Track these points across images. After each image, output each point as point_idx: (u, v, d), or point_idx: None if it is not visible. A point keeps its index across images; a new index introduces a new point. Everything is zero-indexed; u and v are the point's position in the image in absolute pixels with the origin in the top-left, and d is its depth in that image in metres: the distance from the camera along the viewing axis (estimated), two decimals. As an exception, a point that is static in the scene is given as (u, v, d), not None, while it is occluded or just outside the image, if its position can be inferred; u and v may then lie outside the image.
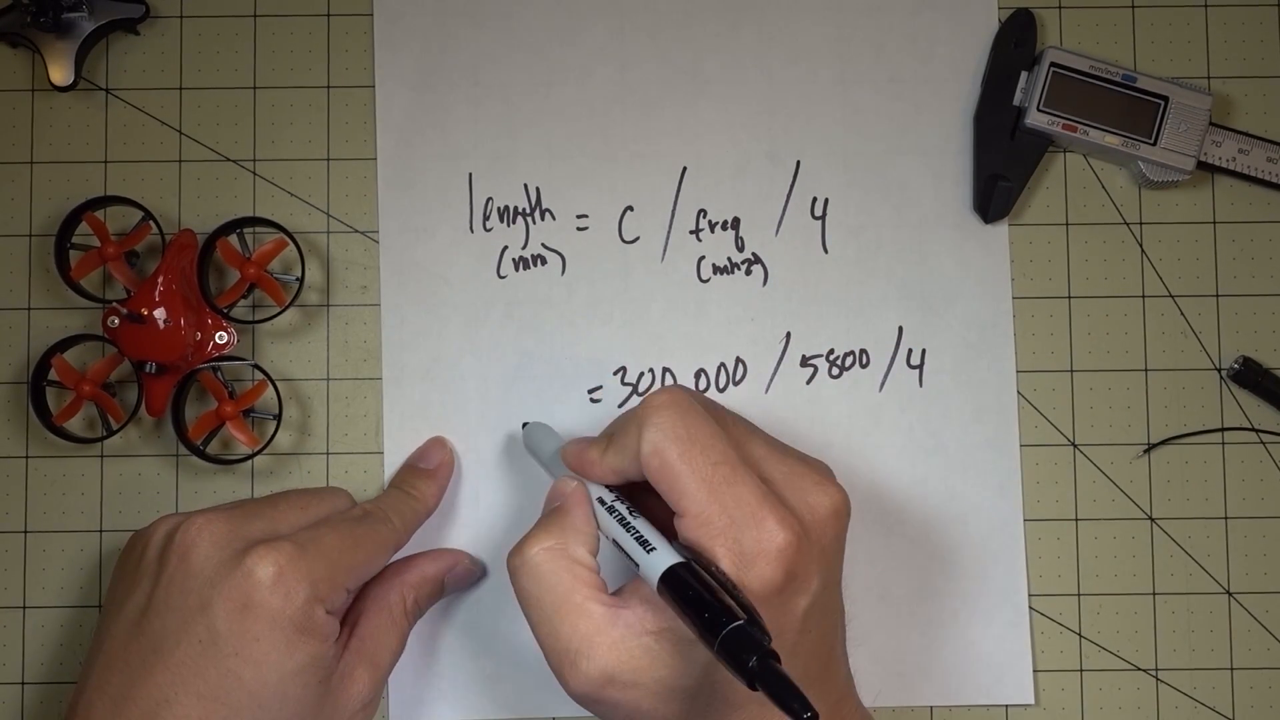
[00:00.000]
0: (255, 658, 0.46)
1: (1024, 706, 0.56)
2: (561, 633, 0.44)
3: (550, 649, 0.45)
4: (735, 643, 0.39)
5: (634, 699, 0.44)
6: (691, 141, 0.57)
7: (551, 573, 0.45)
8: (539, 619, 0.45)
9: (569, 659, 0.44)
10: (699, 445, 0.44)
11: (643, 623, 0.44)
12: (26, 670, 0.56)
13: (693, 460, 0.44)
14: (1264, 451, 0.57)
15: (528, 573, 0.45)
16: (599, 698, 0.44)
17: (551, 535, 0.46)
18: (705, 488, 0.43)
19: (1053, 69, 0.56)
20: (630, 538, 0.45)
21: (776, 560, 0.43)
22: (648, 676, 0.43)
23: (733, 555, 0.43)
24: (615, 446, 0.46)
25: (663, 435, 0.44)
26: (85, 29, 0.56)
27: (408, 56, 0.58)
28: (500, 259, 0.57)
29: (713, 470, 0.44)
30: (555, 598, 0.44)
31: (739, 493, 0.43)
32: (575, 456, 0.48)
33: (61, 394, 0.56)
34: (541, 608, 0.45)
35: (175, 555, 0.47)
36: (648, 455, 0.44)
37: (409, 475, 0.55)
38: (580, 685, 0.44)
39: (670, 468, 0.44)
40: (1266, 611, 0.56)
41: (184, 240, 0.55)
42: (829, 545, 0.45)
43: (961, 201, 0.57)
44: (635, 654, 0.43)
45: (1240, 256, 0.57)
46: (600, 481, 0.48)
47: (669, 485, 0.44)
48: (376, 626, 0.51)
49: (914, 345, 0.57)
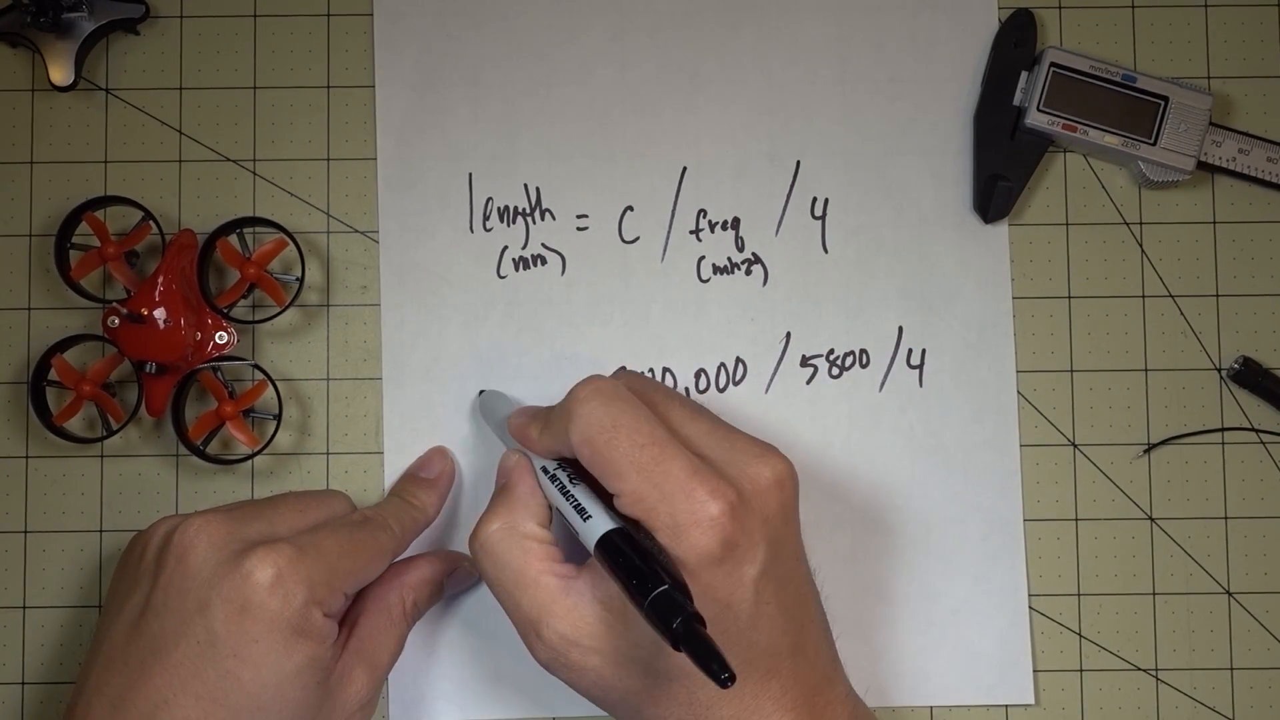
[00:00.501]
0: (253, 659, 0.46)
1: (1024, 706, 0.56)
2: (522, 605, 0.46)
3: (516, 622, 0.47)
4: (661, 606, 0.40)
5: (595, 665, 0.45)
6: (691, 141, 0.57)
7: (505, 551, 0.47)
8: (502, 596, 0.47)
9: (531, 629, 0.46)
10: (624, 430, 0.45)
11: (593, 590, 0.46)
12: (26, 670, 0.56)
13: (619, 445, 0.45)
14: (1264, 451, 0.57)
15: (485, 554, 0.48)
16: (565, 663, 0.46)
17: (500, 516, 0.48)
18: (634, 469, 0.45)
19: (1053, 69, 0.56)
20: (570, 505, 0.47)
21: (710, 529, 0.44)
22: (605, 644, 0.45)
23: (666, 527, 0.44)
24: (550, 431, 0.48)
25: (588, 425, 0.46)
26: (85, 29, 0.56)
27: (408, 56, 0.58)
28: (500, 259, 0.57)
29: (640, 452, 0.45)
30: (512, 573, 0.47)
31: (668, 469, 0.44)
32: (519, 429, 0.50)
33: (61, 394, 0.56)
34: (502, 584, 0.47)
35: (173, 556, 0.47)
36: (577, 444, 0.46)
37: (410, 484, 0.55)
38: (545, 652, 0.46)
39: (599, 455, 0.45)
40: (1266, 611, 0.56)
41: (184, 240, 0.55)
42: (772, 514, 0.46)
43: (961, 201, 0.57)
44: (589, 620, 0.45)
45: (1240, 256, 0.57)
46: (541, 455, 0.49)
47: (601, 471, 0.46)
48: (375, 627, 0.51)
49: (914, 345, 0.57)
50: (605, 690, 0.46)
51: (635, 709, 0.46)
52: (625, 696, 0.46)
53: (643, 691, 0.45)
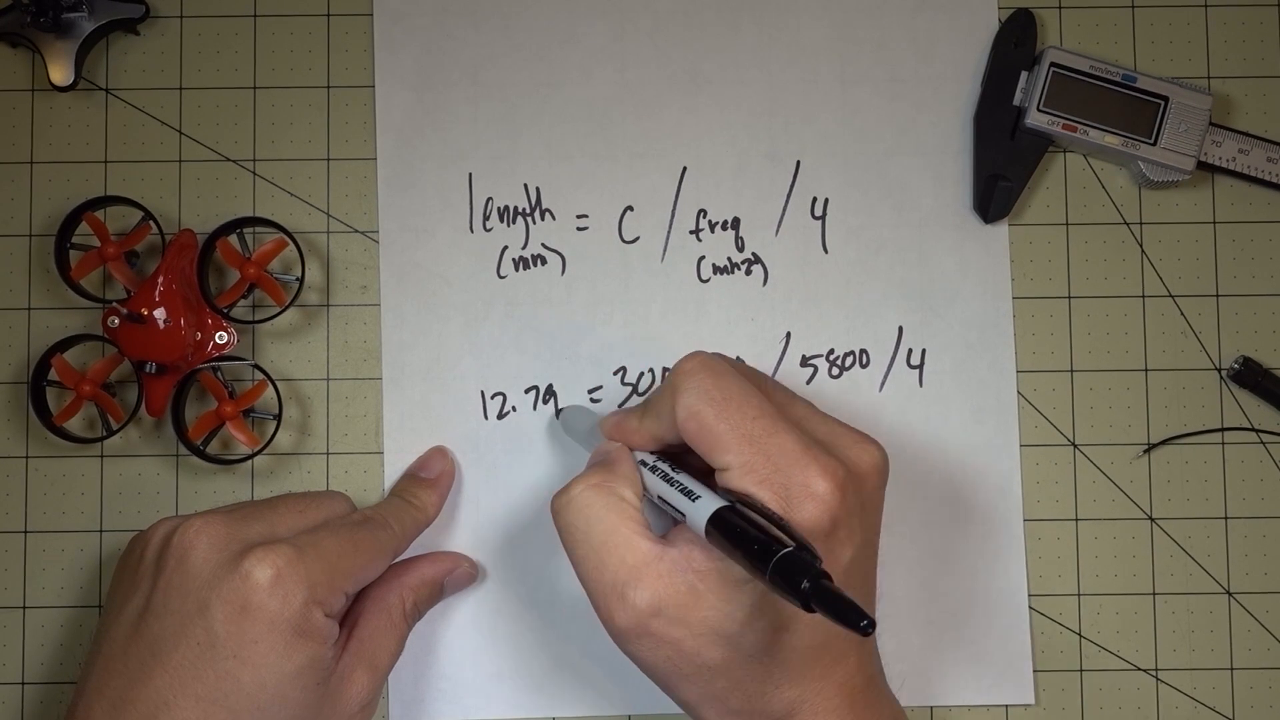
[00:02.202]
0: (253, 660, 0.46)
1: (1024, 706, 0.56)
2: (609, 565, 0.44)
3: (596, 583, 0.44)
4: (787, 567, 0.38)
5: (677, 637, 0.43)
6: (691, 141, 0.57)
7: (599, 506, 0.45)
8: (585, 553, 0.45)
9: (616, 591, 0.44)
10: (734, 403, 0.44)
11: (689, 560, 0.44)
12: (26, 670, 0.56)
13: (730, 417, 0.44)
14: (1264, 451, 0.57)
15: (574, 509, 0.45)
16: (645, 631, 0.43)
17: (595, 476, 0.46)
18: (745, 440, 0.44)
19: (1053, 69, 0.56)
20: (674, 490, 0.45)
21: (822, 504, 0.43)
22: (693, 615, 0.43)
23: (779, 498, 0.43)
24: (652, 413, 0.47)
25: (696, 398, 0.45)
26: (85, 29, 0.56)
27: (408, 56, 0.58)
28: (500, 259, 0.57)
29: (752, 424, 0.44)
30: (603, 530, 0.44)
31: (781, 441, 0.44)
32: (615, 426, 0.49)
33: (61, 394, 0.56)
34: (589, 542, 0.45)
35: (173, 558, 0.47)
36: (684, 419, 0.45)
37: (410, 484, 0.55)
38: (627, 617, 0.43)
39: (708, 428, 0.44)
40: (1266, 611, 0.56)
41: (184, 240, 0.55)
42: (869, 500, 0.45)
43: (961, 201, 0.57)
44: (681, 590, 0.43)
45: (1240, 256, 0.57)
46: (642, 447, 0.48)
47: (709, 445, 0.44)
48: (375, 628, 0.51)
49: (914, 345, 0.57)
50: (678, 664, 0.44)
51: (706, 683, 0.44)
52: (698, 671, 0.44)
53: (717, 666, 0.44)
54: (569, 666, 0.55)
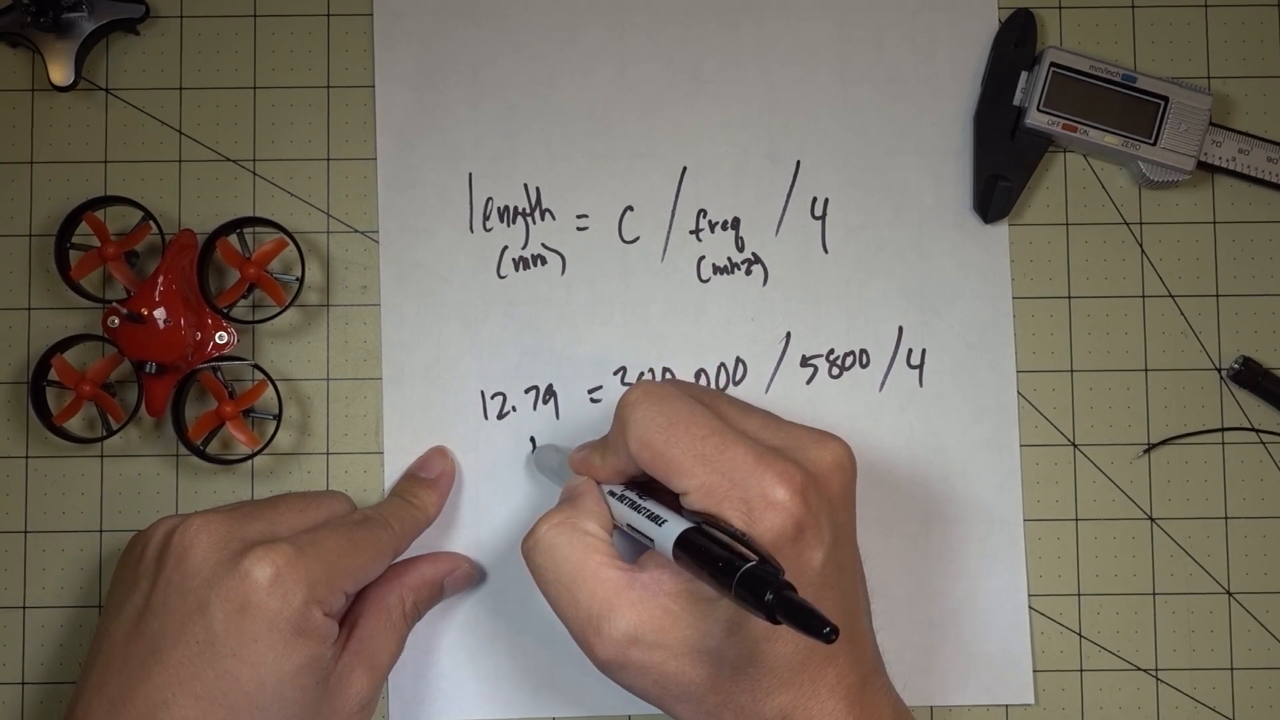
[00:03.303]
0: (253, 659, 0.46)
1: (1024, 706, 0.56)
2: (581, 600, 0.45)
3: (572, 619, 0.45)
4: (750, 582, 0.39)
5: (659, 661, 0.44)
6: (691, 141, 0.57)
7: (565, 544, 0.46)
8: (558, 592, 0.45)
9: (592, 625, 0.44)
10: (681, 426, 0.45)
11: (659, 584, 0.44)
12: (26, 670, 0.56)
13: (679, 441, 0.45)
14: (1264, 451, 0.57)
15: (541, 549, 0.46)
16: (625, 661, 0.44)
17: (560, 514, 0.47)
18: (699, 461, 0.44)
19: (1053, 69, 0.56)
20: (641, 517, 0.45)
21: (784, 511, 0.43)
22: (671, 637, 0.44)
23: (740, 513, 0.43)
24: (610, 448, 0.48)
25: (644, 428, 0.45)
26: (85, 29, 0.56)
27: (408, 56, 0.58)
28: (500, 259, 0.57)
29: (702, 444, 0.44)
30: (571, 568, 0.45)
31: (733, 456, 0.44)
32: (581, 462, 0.50)
33: (61, 394, 0.56)
34: (559, 580, 0.45)
35: (173, 556, 0.47)
36: (636, 450, 0.45)
37: (410, 484, 0.55)
38: (606, 649, 0.44)
39: (660, 455, 0.45)
40: (1266, 611, 0.56)
41: (184, 240, 0.55)
42: (835, 497, 0.46)
43: (961, 201, 0.57)
44: (655, 614, 0.44)
45: (1240, 256, 0.57)
46: (606, 482, 0.49)
47: (665, 471, 0.45)
48: (375, 628, 0.51)
49: (914, 345, 0.57)
50: (665, 687, 0.45)
51: (696, 701, 0.45)
52: (686, 691, 0.45)
53: (705, 683, 0.44)
54: (569, 666, 0.55)
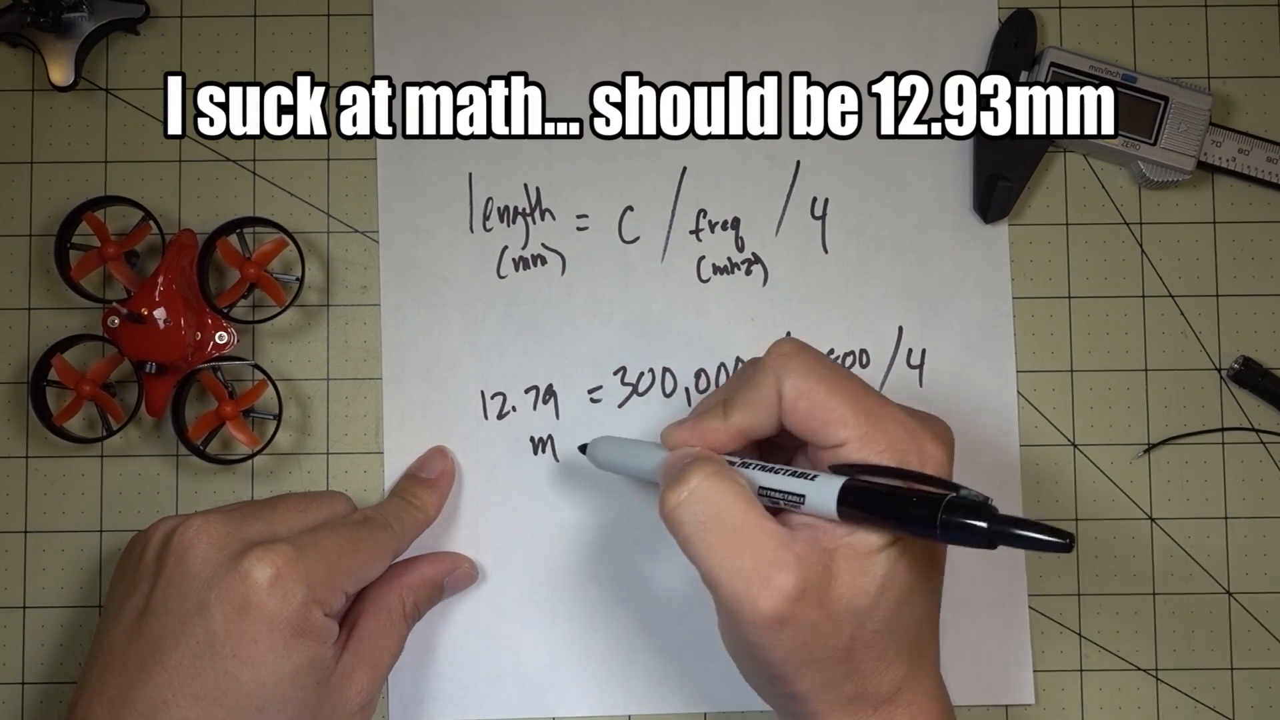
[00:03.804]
0: (253, 659, 0.46)
1: (1024, 706, 0.56)
2: (747, 552, 0.42)
3: (735, 572, 0.42)
4: (961, 510, 0.38)
5: (815, 619, 0.42)
6: (691, 141, 0.57)
7: (724, 493, 0.43)
8: (716, 543, 0.42)
9: (759, 577, 0.42)
10: (841, 378, 0.44)
11: (817, 539, 0.43)
12: (26, 670, 0.56)
13: (842, 392, 0.44)
14: (1264, 451, 0.57)
15: (697, 499, 0.43)
16: (790, 616, 0.42)
17: (710, 463, 0.44)
18: (861, 413, 0.43)
19: (1053, 69, 0.56)
20: (784, 476, 0.44)
21: (939, 467, 0.43)
22: (830, 594, 0.42)
23: (905, 465, 0.43)
24: (744, 405, 0.45)
25: (804, 378, 0.44)
26: (85, 29, 0.56)
27: (408, 56, 0.58)
28: (500, 259, 0.57)
29: (863, 396, 0.44)
30: (732, 516, 0.42)
31: (890, 412, 0.44)
32: (691, 430, 0.47)
33: (61, 394, 0.56)
34: (721, 529, 0.42)
35: (173, 557, 0.47)
36: (794, 399, 0.44)
37: (410, 484, 0.55)
38: (773, 602, 0.41)
39: (821, 404, 0.44)
40: (1266, 611, 0.56)
41: (184, 240, 0.55)
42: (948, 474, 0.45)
43: (961, 201, 0.57)
44: (819, 570, 0.42)
45: (1240, 256, 0.57)
46: (725, 449, 0.46)
47: (823, 421, 0.44)
48: (375, 628, 0.51)
49: (914, 345, 0.57)
50: (811, 649, 0.42)
51: (830, 667, 0.43)
52: (828, 654, 0.43)
53: (846, 647, 0.43)
54: (569, 666, 0.55)
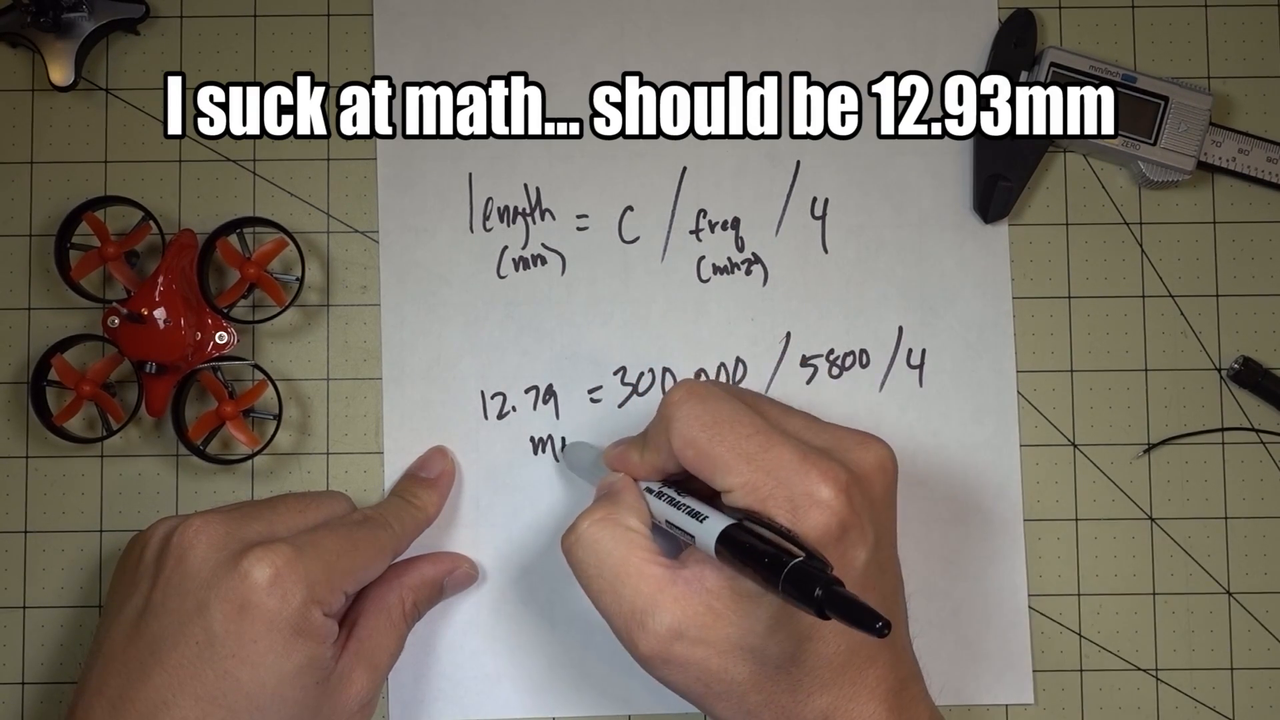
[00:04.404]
0: (252, 659, 0.46)
1: (1024, 706, 0.56)
2: (624, 596, 0.45)
3: (615, 614, 0.45)
4: (799, 577, 0.39)
5: (702, 657, 0.44)
6: (691, 141, 0.57)
7: (608, 539, 0.46)
8: (600, 588, 0.45)
9: (635, 620, 0.44)
10: (726, 424, 0.45)
11: (702, 581, 0.44)
12: (26, 670, 0.56)
13: (724, 439, 0.45)
14: (1264, 451, 0.57)
15: (583, 545, 0.46)
16: (669, 656, 0.44)
17: (600, 510, 0.47)
18: (744, 460, 0.44)
19: (1053, 69, 0.56)
20: (681, 513, 0.45)
21: (828, 510, 0.43)
22: (714, 634, 0.44)
23: (784, 511, 0.43)
24: (650, 445, 0.48)
25: (688, 426, 0.45)
26: (85, 29, 0.56)
27: (408, 56, 0.58)
28: (500, 259, 0.57)
29: (747, 442, 0.44)
30: (614, 562, 0.45)
31: (778, 455, 0.44)
32: (618, 459, 0.50)
33: (61, 394, 0.56)
34: (601, 576, 0.45)
35: (172, 557, 0.47)
36: (680, 448, 0.45)
37: (410, 484, 0.55)
38: (650, 644, 0.44)
39: (704, 453, 0.45)
40: (1266, 611, 0.56)
41: (184, 240, 0.55)
42: (878, 498, 0.46)
43: (961, 201, 0.57)
44: (699, 610, 0.44)
45: (1240, 256, 0.57)
46: (644, 478, 0.49)
47: (709, 469, 0.45)
48: (375, 628, 0.51)
49: (914, 345, 0.57)
50: (708, 684, 0.44)
51: (739, 699, 0.44)
52: (729, 688, 0.44)
53: (747, 681, 0.44)
54: (569, 666, 0.55)
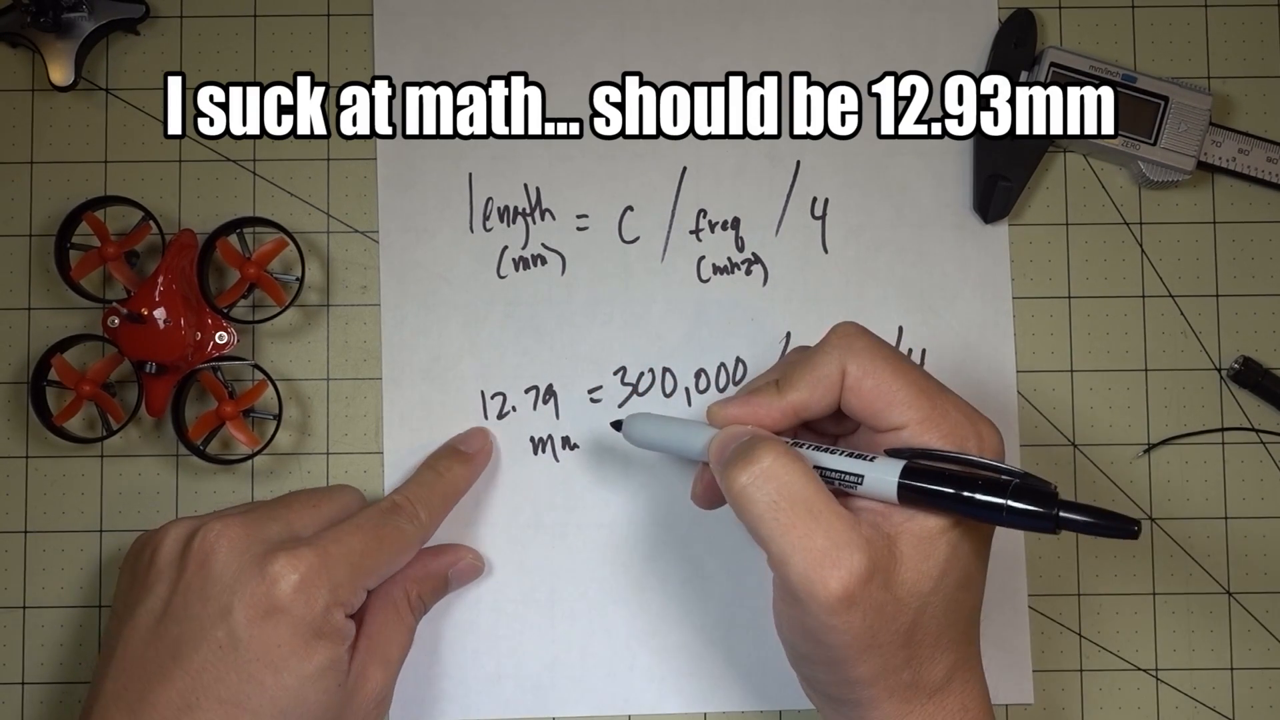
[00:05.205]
0: (276, 662, 0.46)
1: (1024, 706, 0.56)
2: (819, 532, 0.41)
3: (804, 550, 0.41)
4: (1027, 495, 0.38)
5: (882, 602, 0.42)
6: (691, 141, 0.57)
7: (797, 473, 0.42)
8: (789, 523, 0.42)
9: (830, 558, 0.41)
10: (903, 361, 0.45)
11: (879, 525, 0.43)
12: (26, 670, 0.56)
13: (905, 375, 0.44)
14: (1264, 451, 0.57)
15: (769, 478, 0.42)
16: (857, 598, 0.41)
17: (778, 442, 0.44)
18: (923, 395, 0.44)
19: (1053, 69, 0.56)
20: (840, 456, 0.44)
21: (995, 454, 0.44)
22: (895, 577, 0.42)
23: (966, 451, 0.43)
24: (801, 384, 0.45)
25: (869, 358, 0.44)
26: (85, 29, 0.56)
27: (408, 56, 0.58)
28: (500, 259, 0.57)
29: (925, 381, 0.44)
30: (807, 496, 0.42)
31: (950, 398, 0.44)
32: (743, 406, 0.46)
33: (61, 394, 0.56)
34: (794, 509, 0.42)
35: (194, 561, 0.47)
36: (858, 379, 0.44)
37: (445, 455, 0.54)
38: (844, 583, 0.41)
39: (885, 385, 0.44)
40: (1266, 611, 0.56)
41: (184, 240, 0.55)
42: None
43: (961, 201, 0.57)
44: (885, 553, 0.42)
45: (1240, 256, 0.57)
46: (776, 427, 0.46)
47: (884, 403, 0.44)
48: (384, 623, 0.51)
49: (914, 345, 0.57)
50: (875, 632, 0.42)
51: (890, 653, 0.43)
52: (890, 639, 0.42)
53: (906, 633, 0.42)
54: (569, 666, 0.55)
